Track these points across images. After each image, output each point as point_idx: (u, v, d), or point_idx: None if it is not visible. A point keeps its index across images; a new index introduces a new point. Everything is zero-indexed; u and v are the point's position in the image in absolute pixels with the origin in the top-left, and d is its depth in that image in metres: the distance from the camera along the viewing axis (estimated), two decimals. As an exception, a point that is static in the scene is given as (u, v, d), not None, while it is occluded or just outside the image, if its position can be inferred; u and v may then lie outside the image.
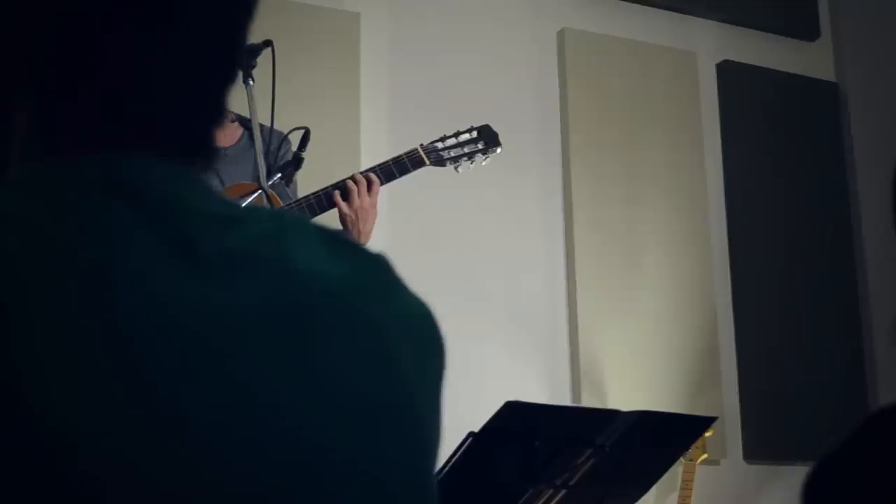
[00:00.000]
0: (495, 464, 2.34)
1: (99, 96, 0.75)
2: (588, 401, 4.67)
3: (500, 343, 4.66)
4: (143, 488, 0.63)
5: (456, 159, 3.26)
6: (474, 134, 3.31)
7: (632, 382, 4.77)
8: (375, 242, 4.51)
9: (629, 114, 5.03)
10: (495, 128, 4.82)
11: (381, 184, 3.13)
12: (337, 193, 3.07)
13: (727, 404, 4.97)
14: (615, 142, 4.98)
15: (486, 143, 3.31)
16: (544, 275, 4.84)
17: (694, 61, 5.25)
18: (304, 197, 3.10)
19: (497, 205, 4.80)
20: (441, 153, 3.24)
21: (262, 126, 3.08)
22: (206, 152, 0.82)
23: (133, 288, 0.67)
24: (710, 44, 5.31)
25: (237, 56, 0.84)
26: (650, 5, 5.22)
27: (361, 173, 3.11)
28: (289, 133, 3.17)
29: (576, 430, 2.37)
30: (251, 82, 3.01)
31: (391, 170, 3.15)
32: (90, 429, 0.62)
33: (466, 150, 3.27)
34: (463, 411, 2.63)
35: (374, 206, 3.10)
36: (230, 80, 0.83)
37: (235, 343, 0.68)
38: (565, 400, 4.73)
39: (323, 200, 3.08)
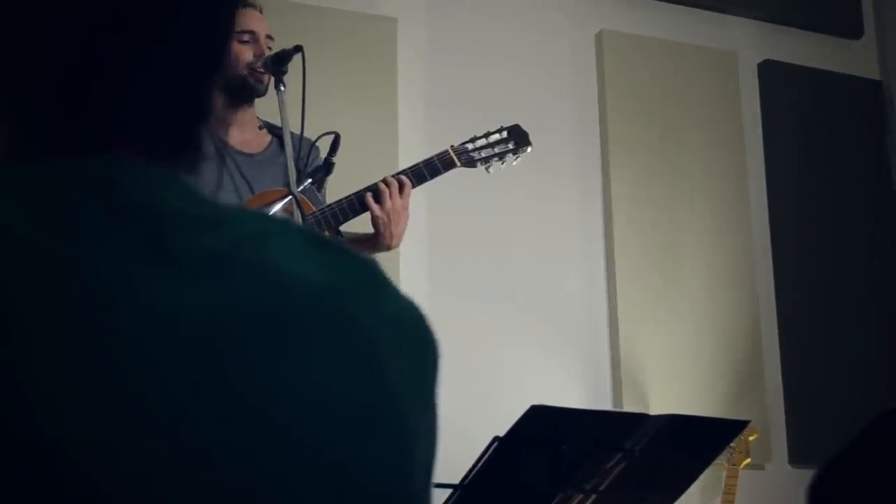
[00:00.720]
0: (522, 468, 2.32)
1: (78, 98, 0.74)
2: (629, 405, 4.64)
3: (540, 347, 4.64)
4: (144, 494, 0.63)
5: (487, 160, 3.25)
6: (504, 134, 3.29)
7: (673, 386, 4.73)
8: (414, 247, 4.51)
9: (669, 115, 4.99)
10: (533, 130, 4.81)
11: (413, 186, 3.12)
12: (369, 196, 3.06)
13: (771, 407, 4.92)
14: (655, 144, 4.95)
15: (516, 143, 3.29)
16: (584, 278, 4.81)
17: (734, 61, 5.20)
18: (337, 201, 3.10)
19: (536, 208, 4.78)
20: (472, 154, 3.22)
21: (291, 132, 3.08)
22: (191, 152, 0.81)
23: (103, 287, 0.66)
24: (750, 43, 5.26)
25: (220, 55, 0.83)
26: (689, 5, 5.18)
27: (393, 176, 3.11)
28: (318, 139, 3.17)
29: (604, 434, 2.35)
30: (282, 88, 3.02)
31: (422, 172, 3.14)
32: (88, 434, 0.62)
33: (497, 150, 3.26)
34: (502, 416, 2.61)
35: (405, 208, 3.08)
36: (213, 79, 0.83)
37: (203, 344, 0.68)
38: (607, 404, 4.70)
39: (355, 204, 3.07)
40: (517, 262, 4.70)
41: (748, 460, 4.46)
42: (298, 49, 3.02)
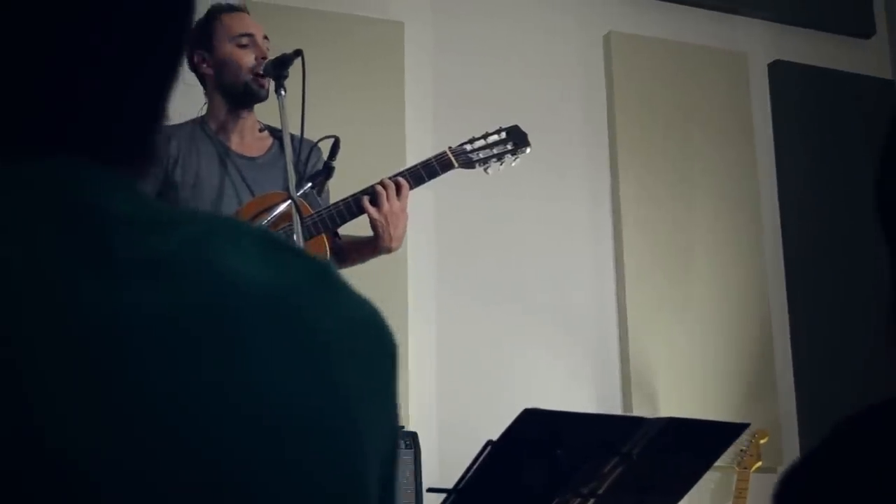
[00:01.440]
0: (518, 472, 2.31)
1: (26, 101, 0.74)
2: (638, 408, 4.61)
3: (548, 349, 4.62)
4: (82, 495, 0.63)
5: (485, 160, 3.24)
6: (503, 135, 3.28)
7: (683, 389, 4.70)
8: (422, 249, 4.51)
9: (678, 117, 4.97)
10: (541, 132, 4.79)
11: (411, 188, 3.10)
12: (366, 199, 3.05)
13: (783, 411, 4.88)
14: (664, 145, 4.93)
15: (515, 144, 3.28)
16: (593, 280, 4.80)
17: (744, 62, 5.17)
18: (334, 203, 3.10)
19: (544, 210, 4.77)
20: (470, 155, 3.21)
21: (292, 135, 3.08)
22: (144, 157, 0.80)
23: (46, 290, 0.66)
24: (760, 44, 5.23)
25: (174, 60, 0.82)
26: (698, 6, 5.15)
27: (390, 178, 3.10)
28: (318, 142, 3.16)
29: (600, 438, 2.33)
30: (283, 92, 3.01)
31: (420, 173, 3.13)
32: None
33: (496, 150, 3.25)
34: (510, 419, 2.58)
35: (403, 210, 3.07)
36: (167, 84, 0.82)
37: (141, 348, 0.67)
38: (616, 407, 4.68)
39: (352, 206, 3.07)
40: (525, 265, 4.69)
41: (759, 463, 4.43)
42: (298, 53, 3.01)
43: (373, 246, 3.10)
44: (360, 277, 3.92)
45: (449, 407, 4.40)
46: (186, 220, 0.75)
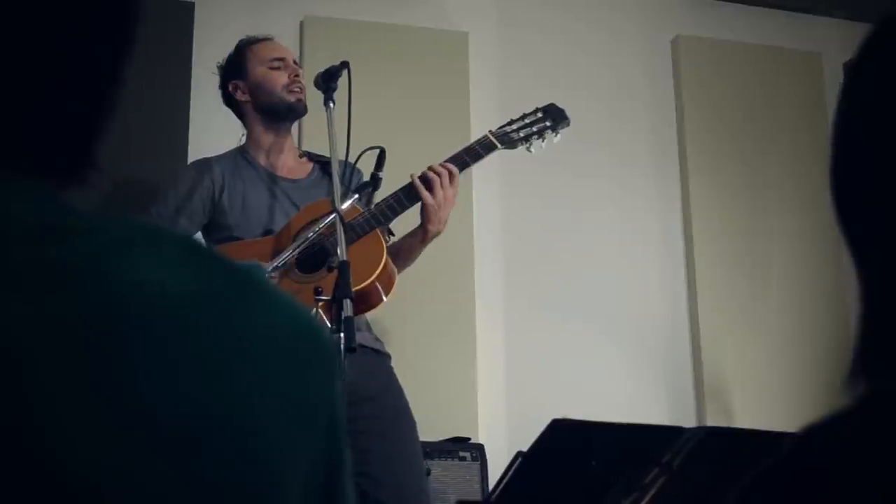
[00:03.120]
0: (552, 484, 2.26)
1: None
2: (713, 420, 4.51)
3: (618, 360, 4.56)
4: None
5: (527, 139, 3.23)
6: (540, 114, 3.29)
7: (761, 400, 4.58)
8: (490, 260, 4.48)
9: (750, 121, 4.86)
10: (609, 140, 4.76)
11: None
12: (420, 185, 3.06)
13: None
14: (735, 150, 4.82)
15: (554, 120, 3.27)
16: (664, 289, 4.72)
17: (818, 62, 5.04)
18: (384, 199, 3.11)
19: (613, 218, 4.71)
20: (511, 135, 3.22)
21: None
22: (72, 166, 0.80)
23: None
24: (835, 43, 5.08)
25: (107, 75, 0.82)
26: (769, 6, 5.04)
27: (441, 164, 3.11)
28: (362, 153, 3.17)
29: (636, 448, 2.27)
30: (331, 105, 3.02)
31: (463, 158, 3.14)
32: None
33: (535, 128, 3.25)
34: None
35: (455, 195, 3.09)
36: (100, 99, 0.82)
37: (31, 358, 0.67)
38: (690, 419, 4.58)
39: (406, 194, 3.08)
40: (594, 273, 4.63)
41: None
42: (345, 65, 3.03)
43: (422, 233, 3.11)
44: (428, 289, 3.95)
45: (518, 418, 4.35)
46: (97, 228, 0.75)
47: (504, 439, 4.28)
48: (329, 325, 2.77)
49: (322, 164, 3.28)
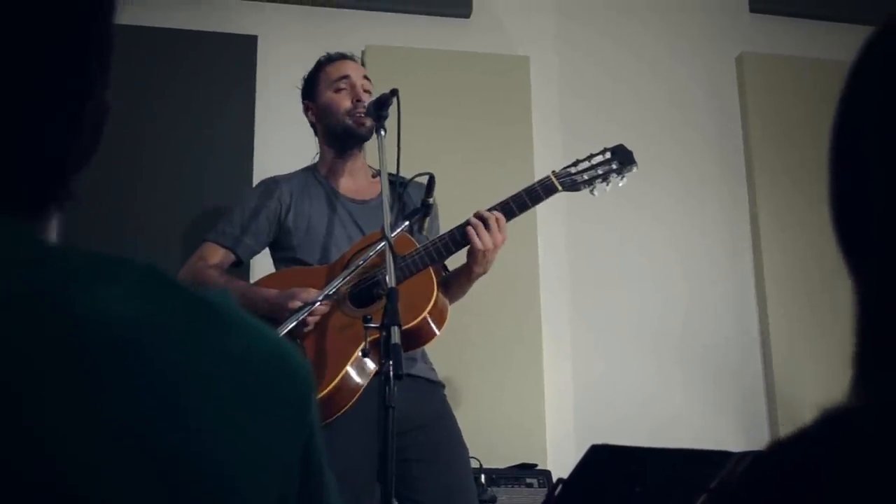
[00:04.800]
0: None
1: None
2: (788, 441, 4.41)
3: (688, 383, 4.49)
4: None
5: (590, 182, 3.17)
6: (608, 155, 3.21)
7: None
8: (556, 284, 4.45)
9: (817, 137, 4.75)
10: (675, 159, 4.70)
11: (516, 215, 3.09)
12: (471, 230, 3.04)
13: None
14: (804, 168, 4.73)
15: (620, 163, 3.20)
16: (733, 308, 4.64)
17: (889, 75, 4.92)
18: (440, 236, 3.09)
19: (680, 238, 4.66)
20: (574, 177, 3.16)
21: (399, 176, 3.12)
22: (41, 202, 0.82)
23: None
24: (905, 55, 4.96)
25: (73, 114, 0.83)
26: (833, 20, 4.95)
27: (489, 210, 3.08)
28: (411, 179, 3.17)
29: (683, 474, 2.22)
30: (383, 133, 3.03)
31: (524, 200, 3.10)
32: None
33: (600, 171, 3.18)
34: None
35: (504, 240, 3.06)
36: (69, 142, 0.83)
37: None
38: (763, 440, 4.49)
39: (457, 237, 3.07)
40: (662, 297, 4.57)
41: None
42: (394, 92, 3.03)
43: (468, 272, 3.10)
44: (494, 314, 3.92)
45: (587, 444, 4.29)
46: (63, 257, 0.76)
47: (572, 466, 4.23)
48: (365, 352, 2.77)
49: (393, 184, 3.27)
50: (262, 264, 3.61)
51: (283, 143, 4.24)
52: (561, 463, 4.10)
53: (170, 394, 0.72)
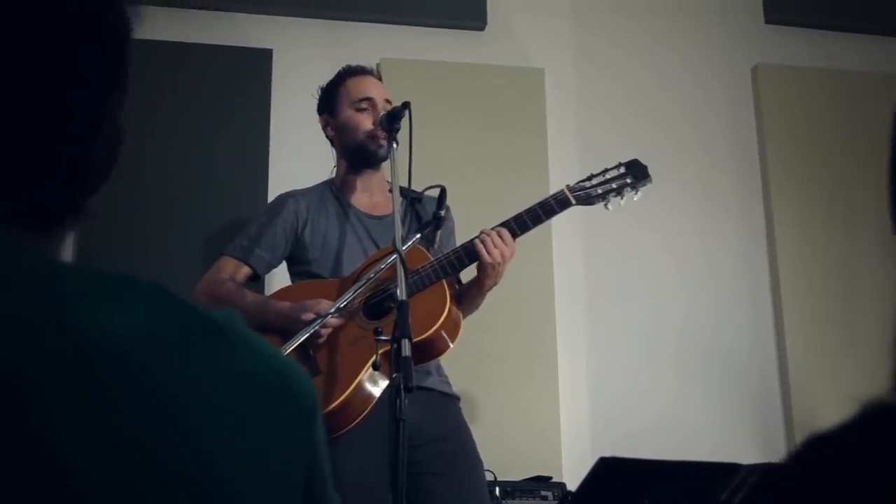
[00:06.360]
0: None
1: None
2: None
3: (705, 395, 4.47)
4: None
5: (604, 196, 3.16)
6: (622, 169, 3.20)
7: (854, 433, 4.44)
8: (571, 296, 4.45)
9: (834, 147, 4.75)
10: (691, 171, 4.69)
11: (529, 229, 3.09)
12: (480, 245, 3.04)
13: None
14: (820, 178, 4.72)
15: (635, 177, 3.19)
16: (750, 320, 4.62)
17: (905, 85, 4.91)
18: (454, 250, 3.09)
19: (696, 251, 4.64)
20: (588, 191, 3.15)
21: (414, 192, 3.11)
22: (50, 222, 0.83)
23: None
24: (921, 65, 4.96)
25: (87, 133, 0.84)
26: (849, 31, 4.93)
27: (500, 225, 3.08)
28: (423, 191, 3.17)
29: (691, 487, 2.22)
30: (395, 145, 3.03)
31: (538, 213, 3.10)
32: None
33: (615, 185, 3.17)
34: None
35: (513, 253, 3.05)
36: (84, 150, 0.84)
37: None
38: (780, 452, 4.46)
39: (468, 252, 3.06)
40: (678, 310, 4.56)
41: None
42: (406, 106, 3.04)
43: (479, 285, 3.10)
44: (509, 327, 3.91)
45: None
46: (61, 276, 0.76)
47: (589, 477, 4.22)
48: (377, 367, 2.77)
49: (411, 199, 3.27)
50: (281, 278, 3.62)
51: (298, 157, 4.25)
52: (576, 475, 4.08)
53: (174, 412, 0.73)
